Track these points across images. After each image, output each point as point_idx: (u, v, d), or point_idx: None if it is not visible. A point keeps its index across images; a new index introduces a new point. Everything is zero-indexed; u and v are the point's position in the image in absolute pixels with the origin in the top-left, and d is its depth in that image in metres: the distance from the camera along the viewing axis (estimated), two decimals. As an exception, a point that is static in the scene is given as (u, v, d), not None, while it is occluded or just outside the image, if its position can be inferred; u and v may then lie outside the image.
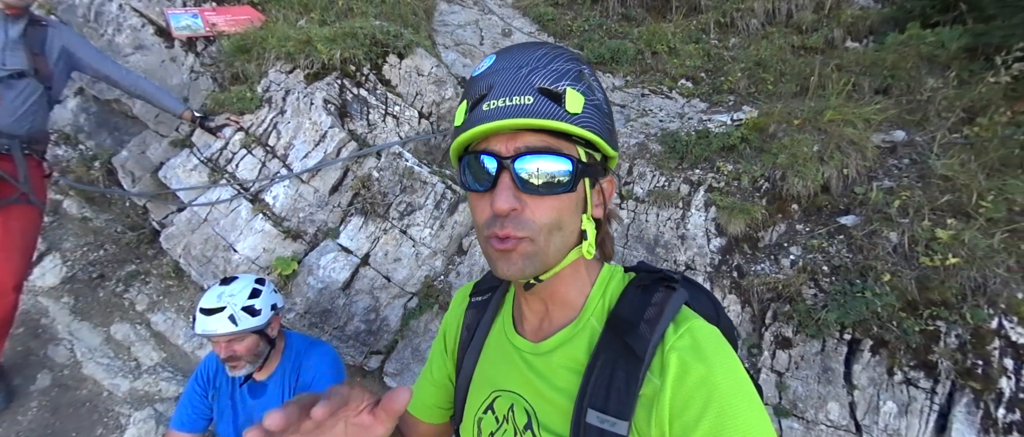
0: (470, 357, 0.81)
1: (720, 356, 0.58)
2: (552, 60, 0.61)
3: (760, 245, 2.81)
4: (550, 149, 0.60)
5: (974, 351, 2.52)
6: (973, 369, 2.50)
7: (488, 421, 0.75)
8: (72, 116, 3.11)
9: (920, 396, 2.51)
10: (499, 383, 0.74)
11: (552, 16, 4.18)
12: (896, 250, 2.66)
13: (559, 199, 0.61)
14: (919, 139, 3.05)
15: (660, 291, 0.65)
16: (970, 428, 2.47)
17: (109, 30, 3.23)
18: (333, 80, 2.95)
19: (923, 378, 2.52)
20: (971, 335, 2.53)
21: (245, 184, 2.77)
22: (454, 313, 0.89)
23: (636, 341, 0.60)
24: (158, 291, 2.76)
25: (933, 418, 2.50)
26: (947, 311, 2.54)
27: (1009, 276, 2.56)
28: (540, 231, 0.61)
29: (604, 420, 0.59)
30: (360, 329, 2.65)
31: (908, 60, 3.39)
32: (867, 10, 3.89)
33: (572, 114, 0.59)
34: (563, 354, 0.67)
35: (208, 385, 1.88)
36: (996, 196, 2.73)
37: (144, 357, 2.54)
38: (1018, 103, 3.21)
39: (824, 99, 3.13)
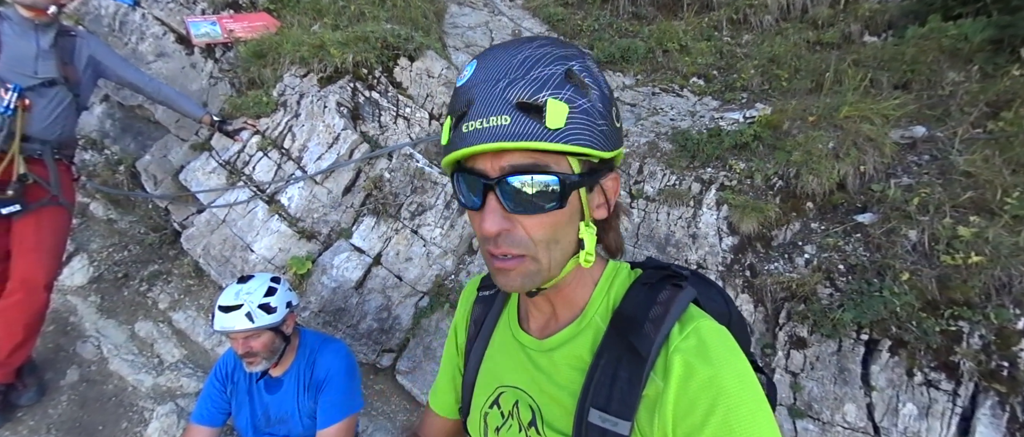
0: (477, 352, 0.81)
1: (727, 357, 0.57)
2: (533, 66, 0.56)
3: (774, 244, 2.77)
4: (536, 167, 0.56)
5: (999, 352, 2.44)
6: (998, 371, 2.42)
7: (494, 416, 0.75)
8: (98, 122, 3.23)
9: (941, 398, 2.44)
10: (504, 379, 0.74)
11: (562, 16, 4.18)
12: (915, 248, 2.59)
13: (550, 215, 0.59)
14: (940, 135, 2.97)
15: (667, 289, 0.63)
16: (995, 432, 2.39)
17: (132, 38, 3.35)
18: (346, 83, 3.00)
19: (944, 380, 2.45)
20: (995, 335, 2.45)
21: (261, 186, 2.84)
22: (462, 307, 0.90)
23: (640, 341, 0.59)
24: (179, 290, 2.85)
25: (956, 421, 2.42)
26: (970, 311, 2.46)
27: (1036, 275, 2.47)
28: (536, 247, 0.59)
29: (606, 420, 0.58)
30: (373, 327, 2.69)
31: (929, 54, 3.30)
32: (886, 4, 3.80)
33: (553, 130, 0.55)
34: (567, 352, 0.66)
35: (226, 380, 1.94)
36: (1022, 193, 2.64)
37: (166, 354, 2.62)
38: (1047, 96, 3.10)
39: (840, 95, 3.07)
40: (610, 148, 0.60)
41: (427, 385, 2.64)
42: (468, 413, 0.83)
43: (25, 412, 2.31)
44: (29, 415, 2.30)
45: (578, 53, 0.60)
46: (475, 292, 0.87)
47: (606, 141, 0.59)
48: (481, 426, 0.78)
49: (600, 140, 0.58)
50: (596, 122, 0.58)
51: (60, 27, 2.23)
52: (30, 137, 2.11)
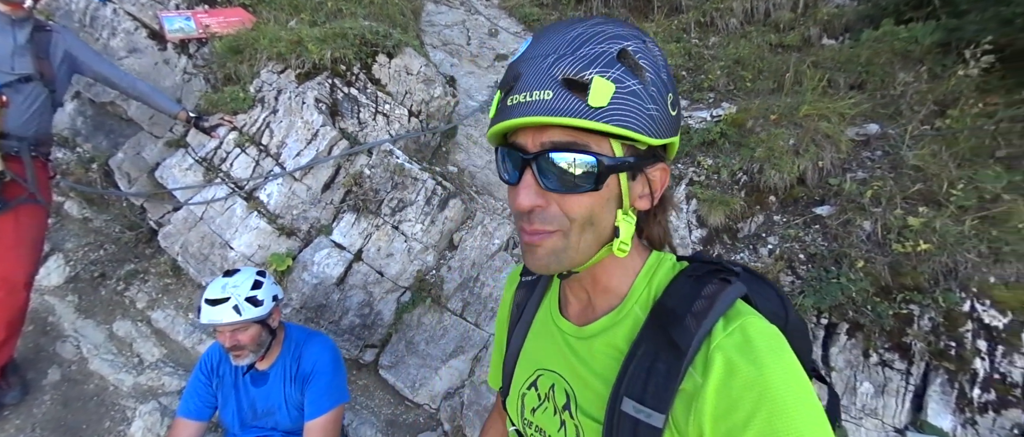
0: (518, 334, 0.82)
1: (774, 356, 0.54)
2: (584, 43, 0.55)
3: (740, 235, 2.91)
4: (575, 145, 0.56)
5: (947, 333, 2.63)
6: (946, 351, 2.61)
7: (531, 397, 0.76)
8: (69, 119, 3.17)
9: (896, 377, 2.62)
10: (543, 362, 0.75)
11: (537, 16, 4.27)
12: (869, 238, 2.77)
13: (587, 196, 0.58)
14: (892, 132, 3.16)
15: (713, 283, 0.60)
16: (945, 407, 2.58)
17: (104, 34, 3.29)
18: (324, 79, 3.02)
19: (898, 360, 2.63)
20: (943, 318, 2.64)
21: (239, 183, 2.84)
22: (507, 291, 0.90)
23: (680, 334, 0.57)
24: (157, 289, 2.83)
25: (909, 398, 2.60)
26: (920, 295, 2.64)
27: (980, 261, 2.67)
28: (570, 225, 0.59)
29: (640, 410, 0.57)
30: (355, 323, 2.73)
31: (882, 56, 3.50)
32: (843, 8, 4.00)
33: (595, 108, 0.54)
34: (604, 340, 0.66)
35: (212, 374, 1.95)
36: (966, 185, 2.84)
37: (146, 353, 2.61)
38: (989, 95, 3.33)
39: (800, 95, 3.23)
40: (660, 135, 0.57)
41: (410, 379, 2.70)
42: (508, 393, 0.84)
43: (11, 411, 2.29)
44: (15, 414, 2.28)
45: (636, 34, 0.58)
46: (519, 277, 0.87)
47: (655, 127, 0.57)
48: (519, 406, 0.79)
49: (647, 125, 0.56)
50: (645, 106, 0.56)
51: (36, 22, 2.20)
52: (7, 134, 2.08)
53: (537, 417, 0.74)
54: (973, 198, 2.81)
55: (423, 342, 2.76)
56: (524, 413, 0.78)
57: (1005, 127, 3.14)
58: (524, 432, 0.78)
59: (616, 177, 0.58)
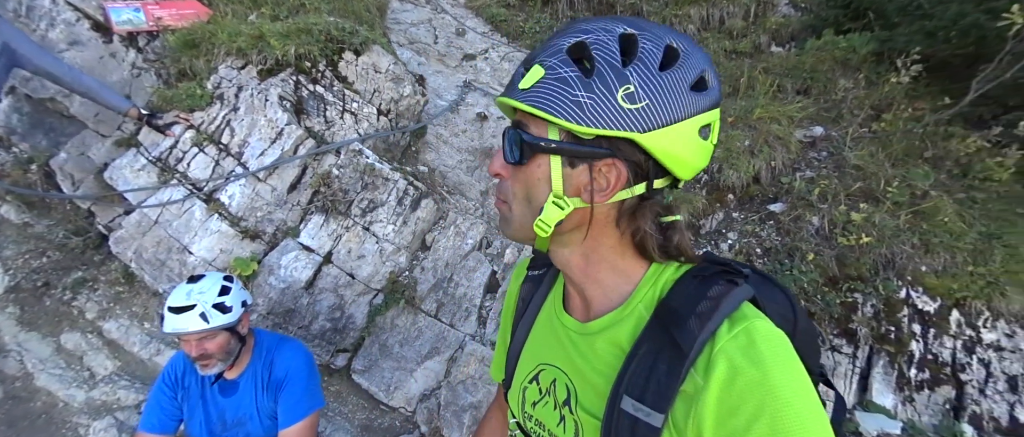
0: (522, 328, 0.83)
1: (778, 360, 0.53)
2: (560, 35, 0.60)
3: (702, 232, 3.06)
4: (519, 123, 0.62)
5: (887, 319, 2.87)
6: (887, 335, 2.85)
7: (532, 391, 0.77)
8: (3, 116, 2.91)
9: (844, 361, 2.83)
10: (545, 357, 0.76)
11: (504, 17, 4.30)
12: (818, 232, 2.98)
13: (521, 170, 0.63)
14: (834, 134, 3.41)
15: (720, 284, 0.60)
16: (887, 387, 2.81)
17: (42, 25, 3.05)
18: (288, 76, 2.93)
19: (845, 344, 2.84)
20: (884, 305, 2.88)
21: (198, 184, 2.71)
22: (513, 285, 0.91)
23: (682, 335, 0.57)
24: (108, 298, 2.65)
25: (856, 380, 2.82)
26: (862, 284, 2.87)
27: (913, 252, 2.93)
28: (511, 199, 0.65)
29: (639, 409, 0.58)
30: (326, 327, 2.67)
31: (825, 63, 3.76)
32: (789, 18, 4.27)
33: (521, 90, 0.59)
34: (606, 338, 0.66)
35: (177, 385, 1.86)
36: (900, 182, 3.11)
37: (98, 366, 2.44)
38: (917, 101, 3.65)
39: (753, 99, 3.43)
40: (589, 124, 0.56)
41: (384, 382, 2.67)
42: (510, 386, 0.84)
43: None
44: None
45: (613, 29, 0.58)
46: (525, 271, 0.88)
47: (581, 114, 0.56)
48: (520, 399, 0.80)
49: (571, 111, 0.56)
50: (573, 92, 0.56)
51: None
52: None
53: (538, 411, 0.75)
54: (906, 195, 3.07)
55: (397, 344, 2.74)
56: (525, 406, 0.78)
57: (931, 130, 3.46)
58: (524, 425, 0.79)
59: (547, 159, 0.60)
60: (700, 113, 0.59)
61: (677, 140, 0.58)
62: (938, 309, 2.91)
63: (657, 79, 0.57)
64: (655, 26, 0.60)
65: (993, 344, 2.88)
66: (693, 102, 0.58)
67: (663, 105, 0.57)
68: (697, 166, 0.63)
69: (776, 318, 0.60)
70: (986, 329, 2.92)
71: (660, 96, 0.57)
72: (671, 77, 0.57)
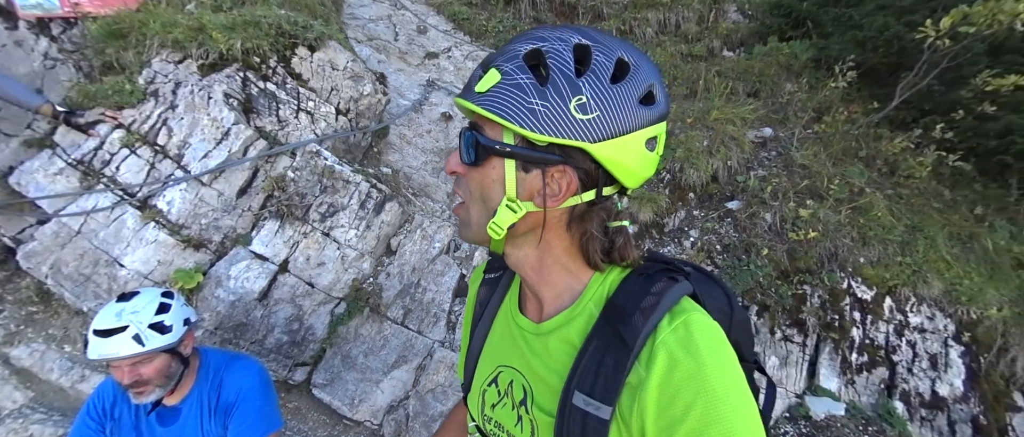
0: (480, 332, 0.84)
1: (713, 352, 0.57)
2: (518, 40, 0.61)
3: (666, 230, 3.13)
4: (474, 124, 0.64)
5: (832, 308, 3.06)
6: (832, 323, 3.04)
7: (491, 394, 0.77)
8: None
9: (795, 349, 2.98)
10: (503, 359, 0.77)
11: (467, 15, 4.22)
12: (771, 228, 3.13)
13: (478, 171, 0.64)
14: (782, 135, 3.61)
15: (662, 281, 0.63)
16: (832, 372, 3.00)
17: (-77, 5, 2.61)
18: (234, 72, 2.69)
19: (796, 334, 3.00)
20: (829, 295, 3.07)
21: (129, 189, 2.42)
22: (472, 288, 0.92)
23: (627, 329, 0.60)
24: (17, 320, 2.30)
25: (805, 366, 2.99)
26: (811, 277, 3.05)
27: (853, 244, 3.15)
28: (468, 198, 0.67)
29: (589, 403, 0.60)
30: (282, 341, 2.47)
31: (771, 68, 3.98)
32: (738, 24, 4.49)
33: (477, 93, 0.60)
34: (559, 337, 0.68)
35: (104, 418, 1.63)
36: (840, 180, 3.34)
37: (4, 399, 2.11)
38: (852, 104, 3.95)
39: (709, 100, 3.56)
40: (541, 131, 0.58)
41: (348, 395, 2.50)
42: (470, 389, 0.85)
43: None
44: None
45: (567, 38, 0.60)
46: (482, 274, 0.89)
47: (534, 121, 0.58)
48: (479, 402, 0.80)
49: (525, 117, 0.58)
50: (527, 99, 0.58)
51: None
52: None
53: (497, 413, 0.76)
54: (845, 192, 3.30)
55: (362, 355, 2.58)
56: (484, 409, 0.79)
57: (863, 132, 3.75)
58: (484, 428, 0.79)
59: (502, 162, 0.62)
60: (647, 126, 0.61)
61: (625, 151, 0.60)
62: (874, 297, 3.15)
63: (608, 91, 0.58)
64: (609, 38, 0.62)
65: (918, 327, 3.17)
66: (641, 115, 0.60)
67: (613, 117, 0.59)
68: (643, 176, 0.65)
69: (714, 312, 0.64)
70: (912, 313, 3.19)
71: (610, 108, 0.59)
72: (622, 90, 0.59)
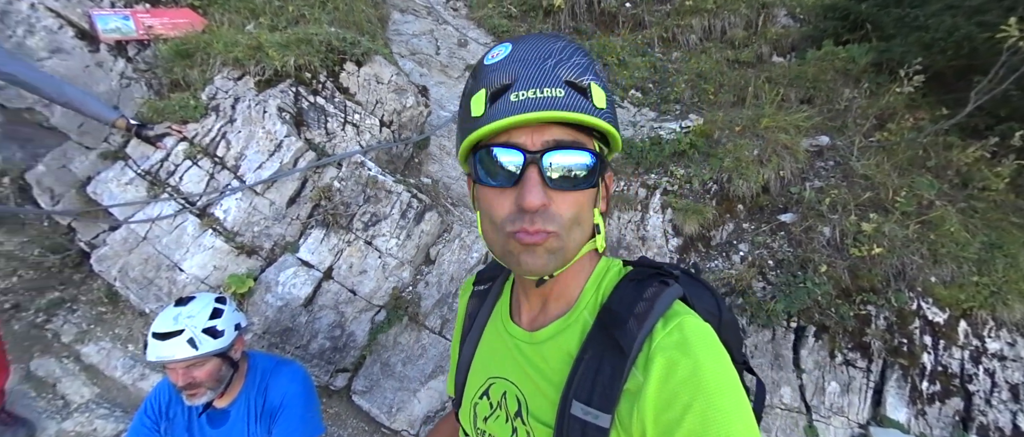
0: (470, 344, 0.82)
1: (708, 353, 0.57)
2: (573, 53, 0.60)
3: (713, 243, 3.00)
4: (577, 143, 0.59)
5: (899, 331, 2.82)
6: (900, 347, 2.80)
7: (483, 406, 0.76)
8: (-25, 127, 2.75)
9: (858, 375, 2.76)
10: (495, 370, 0.75)
11: (506, 28, 4.27)
12: (829, 243, 2.93)
13: (581, 194, 0.61)
14: (840, 143, 3.40)
15: (653, 286, 0.64)
16: (900, 401, 2.75)
17: (19, 32, 2.89)
18: (287, 87, 2.82)
19: (859, 358, 2.78)
20: (896, 317, 2.83)
21: (190, 198, 2.57)
22: (462, 301, 0.91)
23: (623, 336, 0.60)
24: (88, 319, 2.47)
25: (870, 394, 2.76)
26: (875, 296, 2.82)
27: (923, 262, 2.90)
28: (564, 226, 0.60)
29: (588, 412, 0.59)
30: (325, 346, 2.52)
31: (826, 73, 3.78)
32: (789, 28, 4.31)
33: (598, 109, 0.58)
34: (555, 345, 0.67)
35: (160, 417, 1.71)
36: (908, 192, 3.09)
37: (73, 394, 2.26)
38: (918, 111, 3.67)
39: (759, 108, 3.41)
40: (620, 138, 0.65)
41: (387, 403, 2.52)
42: (460, 404, 0.83)
43: None
44: None
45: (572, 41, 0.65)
46: (471, 286, 0.88)
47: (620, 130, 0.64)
48: (471, 416, 0.78)
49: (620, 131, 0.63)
50: (616, 112, 0.65)
51: None
52: None
53: (490, 426, 0.74)
54: (913, 204, 3.06)
55: (400, 363, 2.60)
56: (477, 422, 0.77)
57: (931, 140, 3.48)
58: None
59: (599, 177, 0.63)
60: None
61: None
62: (947, 320, 2.88)
63: None
64: None
65: (997, 353, 2.86)
66: None
67: None
68: None
69: (703, 314, 0.65)
70: (990, 339, 2.90)
71: None
72: None
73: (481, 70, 0.62)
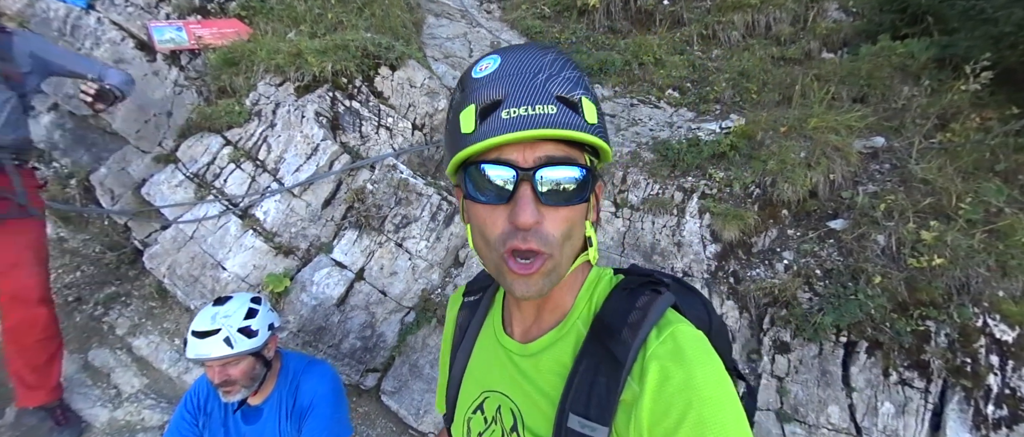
0: (461, 357, 0.81)
1: (701, 361, 0.57)
2: (563, 67, 0.59)
3: (754, 250, 2.85)
4: (568, 159, 0.58)
5: (962, 349, 2.59)
6: (962, 367, 2.57)
7: (477, 421, 0.74)
8: (46, 132, 2.98)
9: (915, 396, 2.56)
10: (488, 384, 0.74)
11: (540, 29, 4.24)
12: (884, 252, 2.73)
13: (573, 209, 0.60)
14: (897, 145, 3.17)
15: (645, 294, 0.64)
16: (963, 426, 2.52)
17: (86, 44, 3.13)
18: (324, 92, 2.91)
19: (917, 378, 2.57)
20: (959, 334, 2.60)
21: (234, 199, 2.69)
22: (450, 313, 0.90)
23: (618, 346, 0.60)
24: (140, 313, 2.63)
25: (928, 417, 2.54)
26: (936, 311, 2.60)
27: (990, 275, 2.65)
28: (557, 244, 0.59)
29: (585, 425, 0.59)
30: (356, 346, 2.57)
31: (882, 70, 3.53)
32: (840, 23, 4.06)
33: (590, 124, 0.58)
34: (549, 357, 0.66)
35: (198, 411, 1.79)
36: (973, 198, 2.84)
37: (125, 384, 2.40)
38: (985, 110, 3.38)
39: (807, 107, 3.23)
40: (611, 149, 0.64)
41: (414, 405, 2.54)
42: (453, 419, 0.82)
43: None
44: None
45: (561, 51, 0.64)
46: (461, 298, 0.87)
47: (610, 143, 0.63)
48: (464, 431, 0.77)
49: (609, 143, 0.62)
50: (606, 125, 0.63)
51: None
52: None
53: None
54: (979, 212, 2.80)
55: (428, 365, 2.62)
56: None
57: (1000, 142, 3.18)
58: None
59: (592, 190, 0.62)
60: None
61: None
62: (1017, 338, 2.62)
63: None
64: None
65: (1080, 378, 2.58)
66: None
67: None
68: None
69: (694, 321, 0.65)
70: (1071, 361, 2.61)
71: None
72: None
73: (469, 83, 0.60)
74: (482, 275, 0.86)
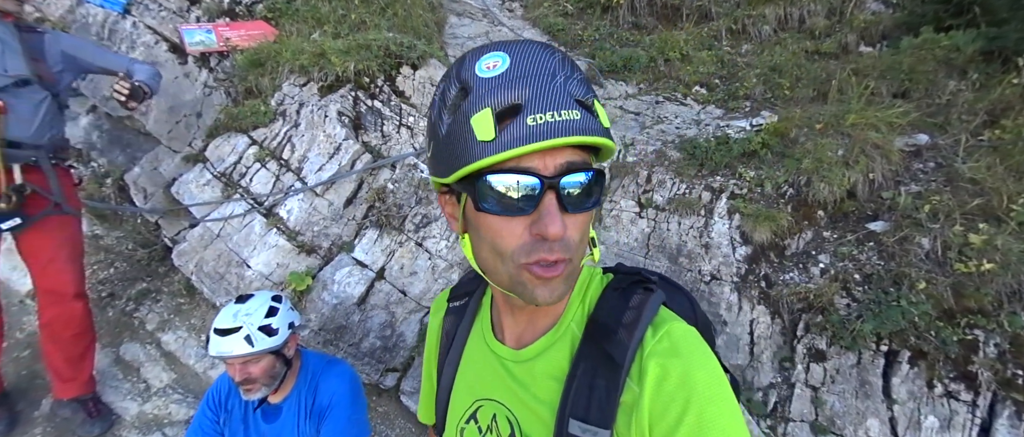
0: (450, 365, 0.79)
1: (698, 357, 0.57)
2: (573, 68, 0.57)
3: (787, 253, 2.73)
4: (587, 165, 0.57)
5: (1014, 360, 2.42)
6: (1013, 379, 2.40)
7: (471, 431, 0.72)
8: (84, 133, 3.09)
9: (962, 410, 2.40)
10: (481, 392, 0.72)
11: (562, 26, 4.18)
12: (929, 256, 2.58)
13: (589, 214, 0.59)
14: (942, 142, 2.99)
15: (638, 294, 0.63)
16: (1014, 442, 2.36)
17: (123, 47, 3.23)
18: (347, 92, 2.92)
19: (964, 390, 2.42)
20: (1010, 343, 2.43)
21: (259, 198, 2.72)
22: (434, 319, 0.87)
23: (615, 348, 0.59)
24: (169, 309, 2.69)
25: (976, 432, 2.39)
26: (984, 319, 2.44)
27: (1046, 282, 2.47)
28: (576, 249, 0.58)
29: (586, 430, 0.58)
30: (376, 346, 2.57)
31: (925, 63, 3.35)
32: (879, 15, 3.87)
33: (605, 128, 0.56)
34: (544, 362, 0.65)
35: (219, 408, 1.80)
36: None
37: (153, 378, 2.46)
38: (1039, 105, 3.16)
39: (844, 103, 3.08)
40: None
41: (435, 406, 2.53)
42: (443, 429, 0.80)
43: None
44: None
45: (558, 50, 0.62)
46: (445, 303, 0.84)
47: None
48: None
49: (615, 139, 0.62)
50: None
51: (26, 24, 2.12)
52: (20, 143, 1.98)
53: None
54: (1034, 214, 2.62)
55: (448, 367, 2.60)
56: None
57: (1056, 139, 2.97)
58: None
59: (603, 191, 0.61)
60: None
61: None
62: (1079, 350, 2.44)
63: None
64: None
65: None
66: None
67: None
68: None
69: (681, 316, 0.64)
70: None
71: None
72: None
73: (477, 83, 0.54)
74: (466, 280, 0.84)
